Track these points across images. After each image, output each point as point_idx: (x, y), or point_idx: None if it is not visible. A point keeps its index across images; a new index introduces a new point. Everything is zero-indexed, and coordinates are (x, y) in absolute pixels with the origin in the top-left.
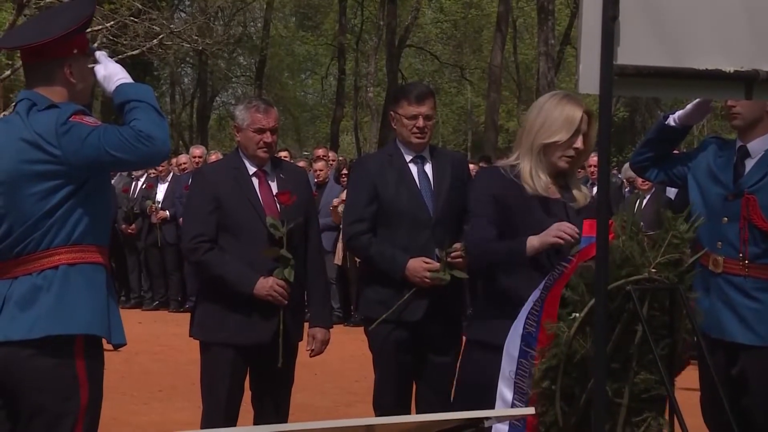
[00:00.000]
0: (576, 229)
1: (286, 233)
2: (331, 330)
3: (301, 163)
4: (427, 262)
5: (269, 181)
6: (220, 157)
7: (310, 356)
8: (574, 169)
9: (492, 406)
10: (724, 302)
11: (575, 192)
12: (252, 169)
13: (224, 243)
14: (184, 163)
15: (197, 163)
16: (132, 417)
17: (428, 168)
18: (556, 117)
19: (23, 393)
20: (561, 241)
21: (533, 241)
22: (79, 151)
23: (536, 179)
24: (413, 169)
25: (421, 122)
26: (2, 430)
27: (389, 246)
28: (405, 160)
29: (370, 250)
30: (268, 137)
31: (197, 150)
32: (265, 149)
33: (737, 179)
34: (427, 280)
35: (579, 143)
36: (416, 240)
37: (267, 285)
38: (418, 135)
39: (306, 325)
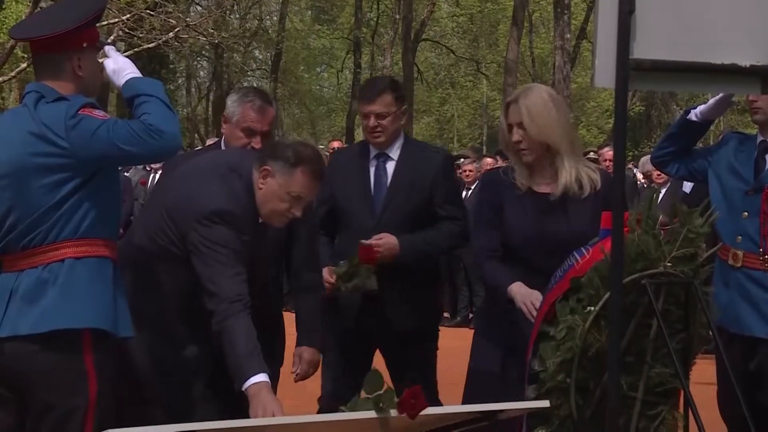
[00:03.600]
0: (535, 306)
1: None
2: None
3: None
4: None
5: None
6: None
7: (296, 380)
8: (542, 160)
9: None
10: (743, 296)
11: (559, 183)
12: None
13: None
14: None
15: None
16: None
17: (390, 166)
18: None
19: (32, 389)
20: (524, 309)
21: (513, 291)
22: (88, 144)
23: (518, 176)
24: (372, 167)
25: (372, 121)
26: (12, 423)
27: (325, 249)
28: (368, 156)
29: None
30: (257, 142)
31: (211, 142)
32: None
33: (758, 174)
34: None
35: (516, 136)
36: (354, 246)
37: None
38: (371, 134)
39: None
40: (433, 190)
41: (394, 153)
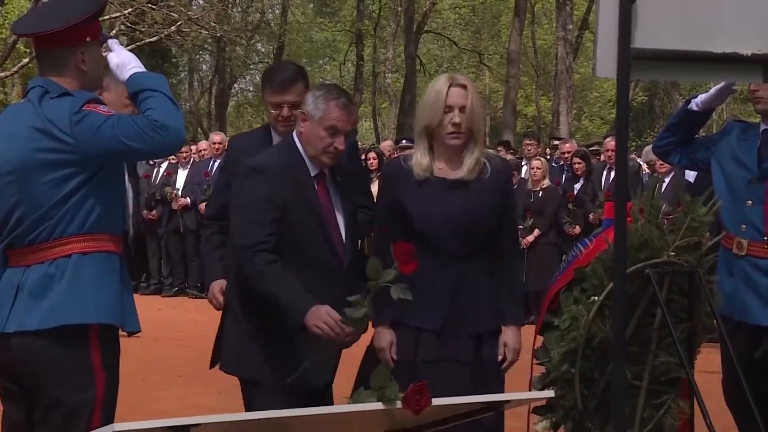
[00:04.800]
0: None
1: None
2: None
3: None
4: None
5: (328, 186)
6: None
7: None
8: (472, 144)
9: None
10: (747, 285)
11: (465, 167)
12: (313, 171)
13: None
14: (204, 150)
15: (217, 149)
16: (151, 403)
17: None
18: (425, 100)
19: (39, 384)
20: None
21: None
22: (92, 140)
23: (418, 164)
24: None
25: (285, 111)
26: (20, 418)
27: (212, 251)
28: (271, 143)
29: (203, 247)
30: (341, 143)
31: (217, 137)
32: (333, 156)
33: (761, 163)
34: None
35: (457, 119)
36: None
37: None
38: (284, 124)
39: None
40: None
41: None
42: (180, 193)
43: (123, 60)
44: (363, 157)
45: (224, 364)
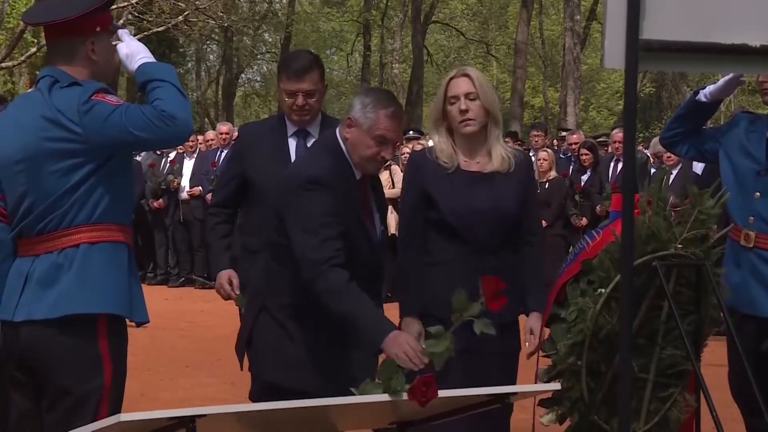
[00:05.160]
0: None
1: None
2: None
3: None
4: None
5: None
6: None
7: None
8: (486, 132)
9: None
10: (755, 277)
11: (492, 157)
12: (357, 176)
13: None
14: (211, 140)
15: (224, 140)
16: (158, 393)
17: (311, 143)
18: (438, 93)
19: (47, 373)
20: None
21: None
22: (101, 129)
23: (441, 152)
24: (292, 144)
25: (300, 100)
26: (28, 407)
27: (220, 240)
28: (286, 133)
29: (209, 236)
30: (389, 153)
31: (224, 127)
32: (379, 165)
33: None
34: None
35: (463, 105)
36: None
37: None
38: (298, 113)
39: None
40: None
41: (314, 130)
42: (186, 182)
43: (132, 50)
44: None
45: (269, 373)
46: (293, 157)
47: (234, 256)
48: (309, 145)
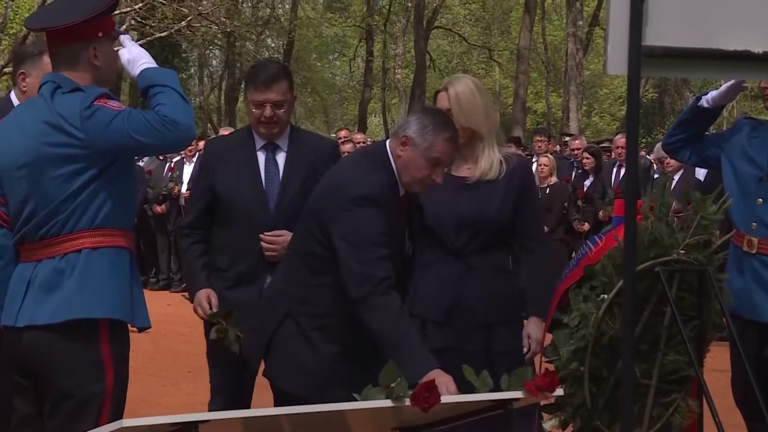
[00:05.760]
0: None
1: None
2: None
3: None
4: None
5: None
6: None
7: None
8: (481, 143)
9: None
10: (758, 283)
11: (479, 170)
12: (401, 193)
13: None
14: None
15: None
16: (161, 398)
17: (281, 158)
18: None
19: (49, 378)
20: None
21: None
22: (103, 135)
23: None
24: (261, 158)
25: (268, 111)
26: (30, 412)
27: (196, 260)
28: (254, 147)
29: (185, 256)
30: (439, 176)
31: (226, 132)
32: (426, 186)
33: None
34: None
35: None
36: (252, 243)
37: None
38: (266, 125)
39: None
40: None
41: (283, 143)
42: (185, 189)
43: (134, 55)
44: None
45: (286, 381)
46: (262, 172)
47: (208, 275)
48: (278, 159)
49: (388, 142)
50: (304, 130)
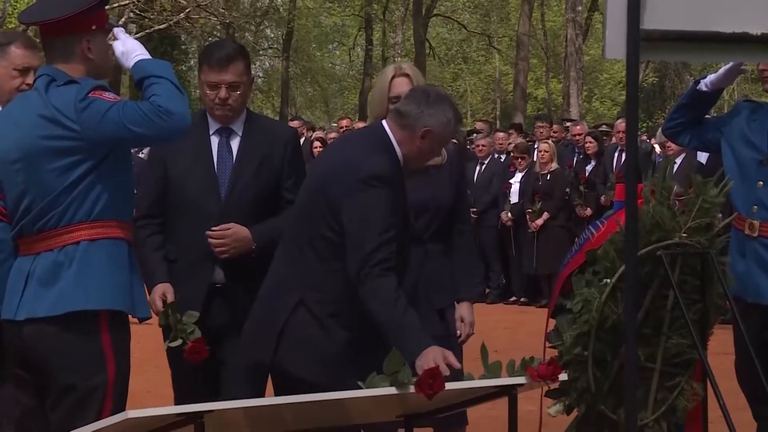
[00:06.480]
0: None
1: None
2: None
3: (333, 135)
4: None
5: None
6: None
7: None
8: None
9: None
10: (760, 265)
11: None
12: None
13: None
14: None
15: None
16: (166, 389)
17: (235, 143)
18: (374, 92)
19: (51, 371)
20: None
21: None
22: (98, 126)
23: None
24: (214, 142)
25: (223, 93)
26: (32, 405)
27: (154, 253)
28: (208, 131)
29: (140, 252)
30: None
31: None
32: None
33: None
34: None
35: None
36: (199, 234)
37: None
38: (221, 107)
39: None
40: (282, 170)
41: (238, 128)
42: None
43: (128, 48)
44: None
45: (303, 369)
46: (215, 157)
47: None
48: (232, 144)
49: (386, 123)
50: (262, 115)
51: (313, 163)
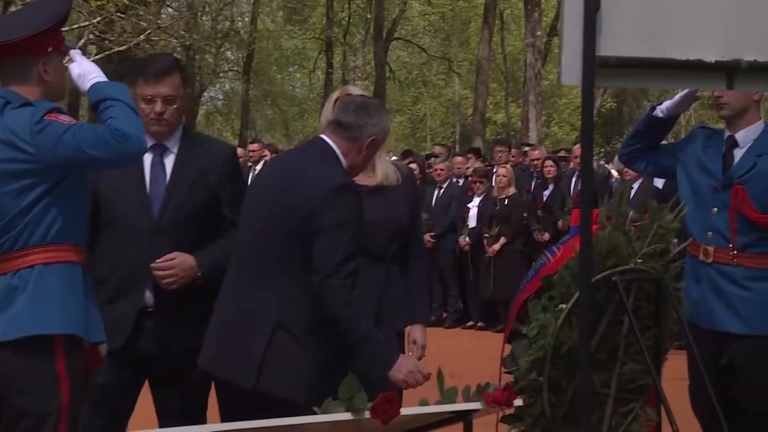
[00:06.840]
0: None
1: None
2: None
3: None
4: None
5: None
6: None
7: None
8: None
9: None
10: (714, 292)
11: (380, 173)
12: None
13: None
14: None
15: None
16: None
17: (169, 160)
18: (326, 110)
19: (5, 394)
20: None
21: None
22: (54, 149)
23: None
24: (147, 159)
25: (159, 106)
26: None
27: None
28: None
29: None
30: None
31: None
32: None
33: (726, 169)
34: None
35: None
36: (132, 251)
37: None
38: (156, 122)
39: None
40: (219, 189)
41: (173, 145)
42: None
43: (85, 70)
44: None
45: (289, 391)
46: (147, 175)
47: None
48: (166, 162)
49: (326, 137)
50: (199, 132)
51: (255, 183)
